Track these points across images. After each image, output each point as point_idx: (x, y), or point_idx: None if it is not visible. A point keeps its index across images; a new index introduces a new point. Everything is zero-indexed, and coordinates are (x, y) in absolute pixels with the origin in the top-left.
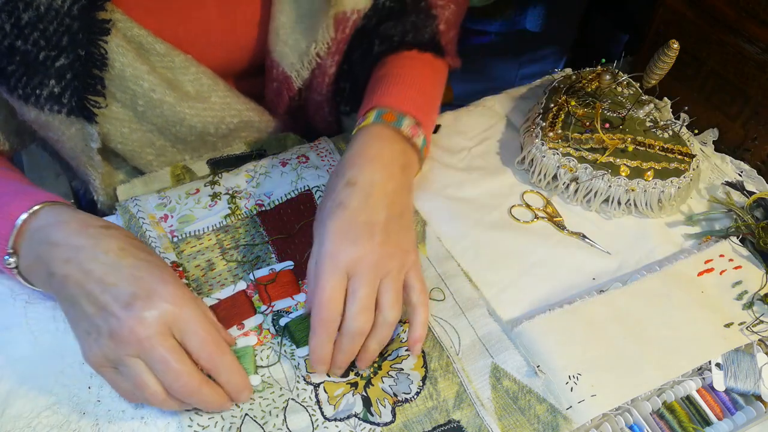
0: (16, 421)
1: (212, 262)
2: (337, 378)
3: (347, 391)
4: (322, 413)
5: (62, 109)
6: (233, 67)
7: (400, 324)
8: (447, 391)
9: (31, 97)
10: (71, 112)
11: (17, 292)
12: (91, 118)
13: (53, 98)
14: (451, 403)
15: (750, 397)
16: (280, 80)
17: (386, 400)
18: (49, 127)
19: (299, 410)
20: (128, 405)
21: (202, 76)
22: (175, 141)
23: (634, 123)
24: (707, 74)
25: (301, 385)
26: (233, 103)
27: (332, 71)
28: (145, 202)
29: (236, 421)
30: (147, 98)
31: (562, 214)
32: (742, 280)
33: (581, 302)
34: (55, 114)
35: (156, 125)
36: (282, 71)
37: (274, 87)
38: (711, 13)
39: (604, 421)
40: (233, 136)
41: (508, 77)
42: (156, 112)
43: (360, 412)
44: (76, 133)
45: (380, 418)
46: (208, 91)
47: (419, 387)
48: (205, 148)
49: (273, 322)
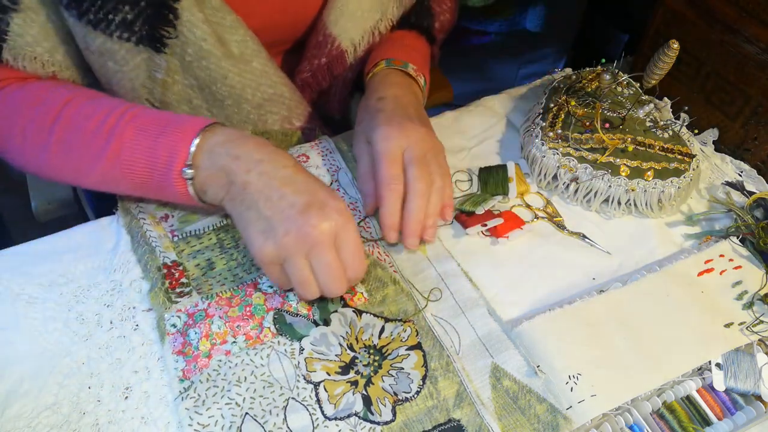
0: (16, 421)
1: (212, 261)
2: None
3: (347, 390)
4: (323, 412)
5: (132, 37)
6: (276, 36)
7: (400, 323)
8: (447, 390)
9: (102, 23)
10: (140, 40)
11: (17, 292)
12: (160, 48)
13: (125, 25)
14: (452, 403)
15: (750, 397)
16: (333, 56)
17: (386, 399)
18: (113, 56)
19: (299, 409)
20: (128, 405)
21: (248, 40)
22: (211, 102)
23: (634, 123)
24: (707, 74)
25: (302, 384)
26: (271, 73)
27: (373, 47)
28: (146, 201)
29: (236, 420)
30: (197, 47)
31: (562, 214)
32: (742, 280)
33: (581, 302)
34: (123, 42)
35: (198, 80)
36: (338, 46)
37: (321, 63)
38: (711, 13)
39: (604, 421)
40: (265, 109)
41: (508, 77)
42: (202, 64)
43: (360, 411)
44: (140, 63)
45: (380, 417)
46: (251, 55)
47: (419, 386)
48: (238, 117)
49: (274, 321)
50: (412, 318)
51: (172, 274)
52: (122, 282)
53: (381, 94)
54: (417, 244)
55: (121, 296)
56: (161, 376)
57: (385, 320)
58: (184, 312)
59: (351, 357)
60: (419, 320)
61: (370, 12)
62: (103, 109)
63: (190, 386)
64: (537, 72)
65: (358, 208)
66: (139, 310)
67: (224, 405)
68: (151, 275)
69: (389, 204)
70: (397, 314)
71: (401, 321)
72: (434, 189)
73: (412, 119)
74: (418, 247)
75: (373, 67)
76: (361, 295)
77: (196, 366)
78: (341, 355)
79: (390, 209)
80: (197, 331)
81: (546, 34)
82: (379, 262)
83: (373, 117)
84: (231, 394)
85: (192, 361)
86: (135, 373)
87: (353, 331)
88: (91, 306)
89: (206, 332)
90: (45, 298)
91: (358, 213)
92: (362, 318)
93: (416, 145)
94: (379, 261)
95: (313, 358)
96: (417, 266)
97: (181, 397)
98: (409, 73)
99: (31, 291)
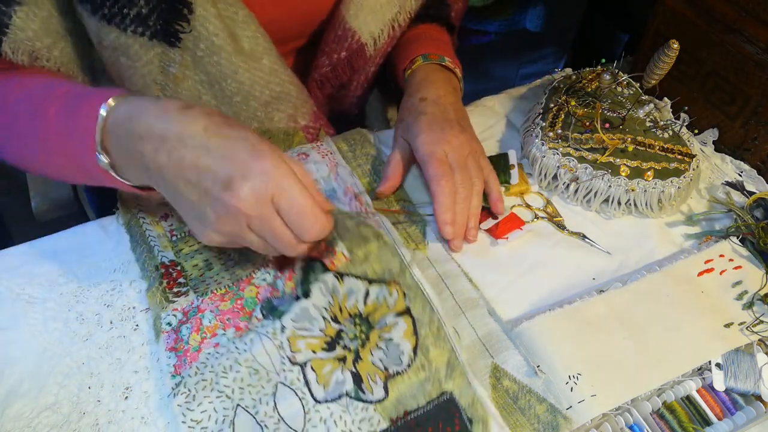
0: (16, 421)
1: (210, 261)
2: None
3: (336, 368)
4: (312, 395)
5: (146, 32)
6: (288, 32)
7: (386, 286)
8: (438, 359)
9: (116, 17)
10: (154, 35)
11: (17, 292)
12: (174, 43)
13: (139, 19)
14: (443, 373)
15: (750, 397)
16: (353, 50)
17: (377, 376)
18: (127, 52)
19: (288, 395)
20: (128, 405)
21: (260, 36)
22: (221, 99)
23: (634, 123)
24: (707, 74)
25: (287, 366)
26: (280, 72)
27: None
28: (147, 201)
29: (229, 413)
30: (209, 42)
31: (562, 214)
32: (742, 280)
33: (581, 302)
34: (137, 36)
35: (208, 75)
36: (358, 40)
37: (342, 57)
38: (711, 13)
39: (604, 421)
40: (273, 107)
41: (508, 77)
42: (213, 59)
43: (351, 390)
44: (153, 58)
45: (372, 395)
46: (262, 52)
47: (411, 358)
48: (246, 114)
49: (261, 309)
50: (398, 279)
51: (170, 273)
52: (122, 282)
53: (423, 94)
54: (461, 246)
55: (121, 296)
56: (161, 376)
57: (369, 282)
58: (179, 311)
59: (336, 330)
60: (405, 279)
61: (388, 5)
62: (37, 92)
63: (181, 381)
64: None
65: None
66: (139, 310)
67: (215, 398)
68: (148, 274)
69: (443, 200)
70: (382, 274)
71: (386, 283)
72: (474, 192)
73: (452, 124)
74: (461, 249)
75: (410, 64)
76: (342, 255)
77: (186, 360)
78: (325, 329)
79: (444, 205)
80: (189, 327)
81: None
82: (362, 221)
83: (415, 120)
84: (220, 387)
85: (183, 356)
86: (135, 373)
87: (336, 301)
88: (91, 306)
89: (197, 326)
90: (45, 298)
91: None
92: (344, 283)
93: (456, 151)
94: (363, 218)
95: (296, 336)
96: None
97: (173, 394)
98: (447, 65)
99: (31, 291)
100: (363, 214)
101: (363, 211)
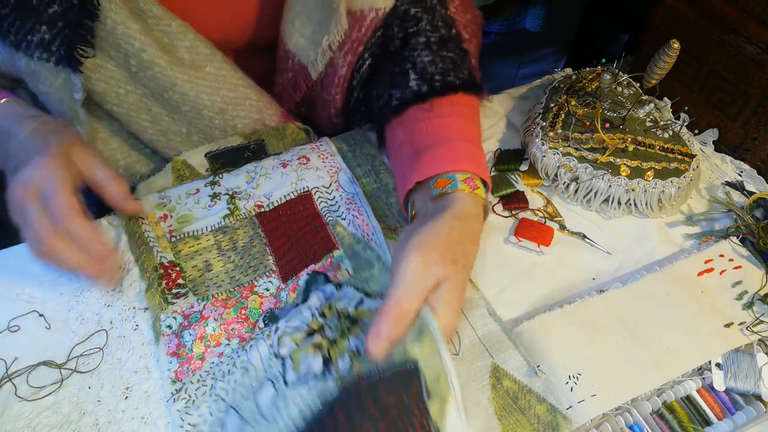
0: (16, 421)
1: (209, 263)
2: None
3: (309, 352)
4: (285, 381)
5: (51, 58)
6: (235, 41)
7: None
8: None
9: (22, 43)
10: (59, 61)
11: (17, 292)
12: (76, 67)
13: (43, 45)
14: (410, 337)
15: (750, 397)
16: (296, 70)
17: (346, 355)
18: (39, 78)
19: (268, 387)
20: (128, 405)
21: (199, 44)
22: (171, 109)
23: (634, 123)
24: (707, 74)
25: (273, 361)
26: (229, 77)
27: (343, 72)
28: (145, 202)
29: (222, 414)
30: (138, 58)
31: (562, 214)
32: (742, 280)
33: (581, 302)
34: (43, 63)
35: (149, 89)
36: (298, 62)
37: (289, 78)
38: (711, 13)
39: (604, 421)
40: (229, 113)
41: (508, 77)
42: (148, 74)
43: (318, 371)
44: (62, 84)
45: (338, 373)
46: (203, 60)
47: None
48: (202, 123)
49: (264, 320)
50: None
51: (169, 274)
52: (122, 282)
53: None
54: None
55: (121, 296)
56: (161, 376)
57: (366, 294)
58: (179, 313)
59: (320, 324)
60: None
61: (317, 27)
62: None
63: (182, 387)
64: (537, 72)
65: (355, 201)
66: (139, 310)
67: (212, 402)
68: (147, 275)
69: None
70: (379, 293)
71: (381, 297)
72: None
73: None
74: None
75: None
76: (346, 272)
77: (189, 368)
78: (311, 323)
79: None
80: (192, 333)
81: (546, 34)
82: (369, 244)
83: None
84: (216, 390)
85: (185, 362)
86: (135, 373)
87: (328, 302)
88: (91, 306)
89: (201, 334)
90: (45, 298)
91: (354, 205)
92: (342, 290)
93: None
94: (369, 243)
95: (285, 334)
96: None
97: (173, 399)
98: (463, 189)
99: (31, 291)
100: (368, 235)
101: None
